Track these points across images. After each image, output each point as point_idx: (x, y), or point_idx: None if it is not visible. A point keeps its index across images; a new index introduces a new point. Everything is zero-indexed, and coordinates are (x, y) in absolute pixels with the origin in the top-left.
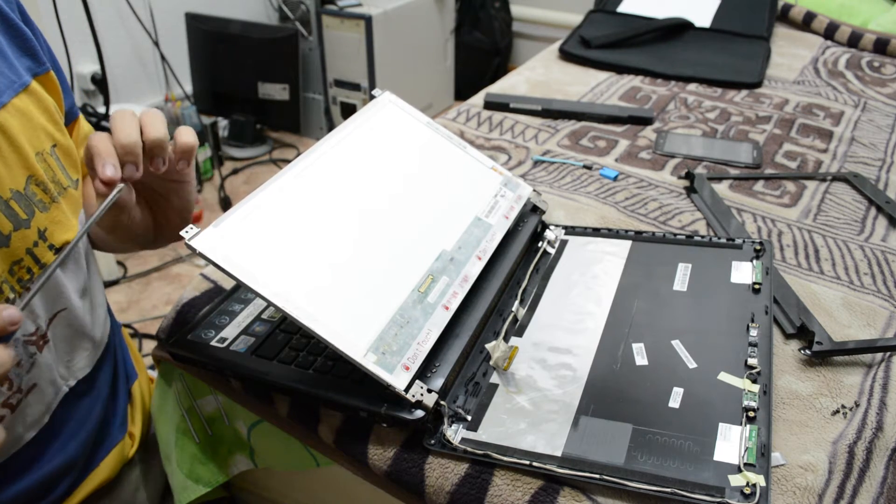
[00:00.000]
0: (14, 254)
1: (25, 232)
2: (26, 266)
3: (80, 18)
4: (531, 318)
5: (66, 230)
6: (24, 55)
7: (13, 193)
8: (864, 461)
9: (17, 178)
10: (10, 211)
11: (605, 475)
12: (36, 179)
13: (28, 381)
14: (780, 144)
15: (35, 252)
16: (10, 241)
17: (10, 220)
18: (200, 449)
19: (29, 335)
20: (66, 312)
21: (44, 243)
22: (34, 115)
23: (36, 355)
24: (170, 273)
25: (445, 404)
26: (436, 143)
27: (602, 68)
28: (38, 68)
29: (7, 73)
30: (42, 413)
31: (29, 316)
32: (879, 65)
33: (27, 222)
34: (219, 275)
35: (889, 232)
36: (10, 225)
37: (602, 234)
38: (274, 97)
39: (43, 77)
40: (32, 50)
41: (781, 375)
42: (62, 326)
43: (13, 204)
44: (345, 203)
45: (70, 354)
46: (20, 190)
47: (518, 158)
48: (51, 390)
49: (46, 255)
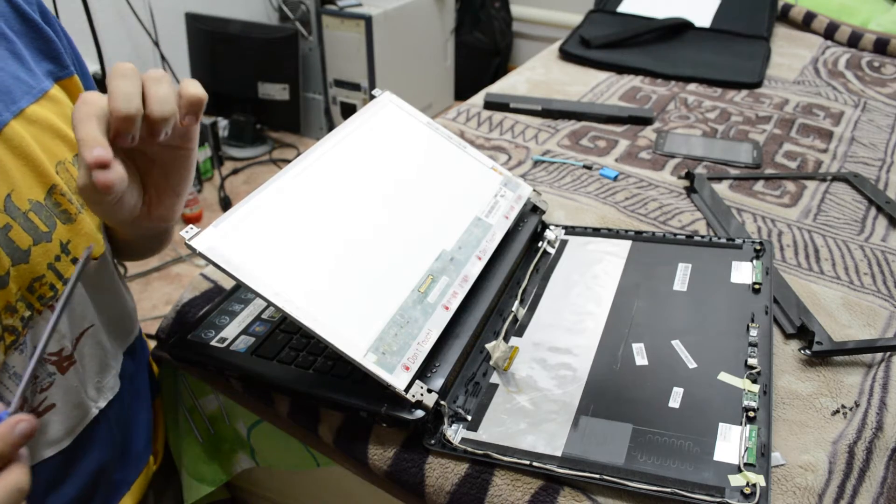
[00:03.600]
0: (34, 270)
1: (47, 246)
2: (49, 282)
3: (80, 18)
4: (531, 318)
5: (91, 243)
6: (45, 59)
7: (32, 205)
8: (864, 461)
9: (36, 189)
10: (29, 224)
11: (605, 475)
12: (59, 190)
13: (42, 401)
14: (780, 144)
15: (57, 267)
16: (29, 256)
17: (30, 234)
18: (203, 448)
19: (49, 354)
20: (93, 330)
21: (66, 257)
22: (54, 123)
23: (55, 376)
24: (170, 273)
25: (445, 404)
26: (436, 143)
27: (602, 68)
28: (60, 72)
29: (25, 78)
30: (62, 434)
31: (53, 335)
32: (879, 65)
33: (48, 235)
34: (219, 275)
35: (889, 232)
36: (30, 239)
37: (602, 234)
38: (274, 97)
39: (66, 81)
40: (55, 53)
41: (781, 375)
42: (90, 346)
43: (32, 216)
44: (345, 203)
45: (100, 375)
46: (40, 201)
47: (518, 158)
48: (76, 413)
49: (69, 269)
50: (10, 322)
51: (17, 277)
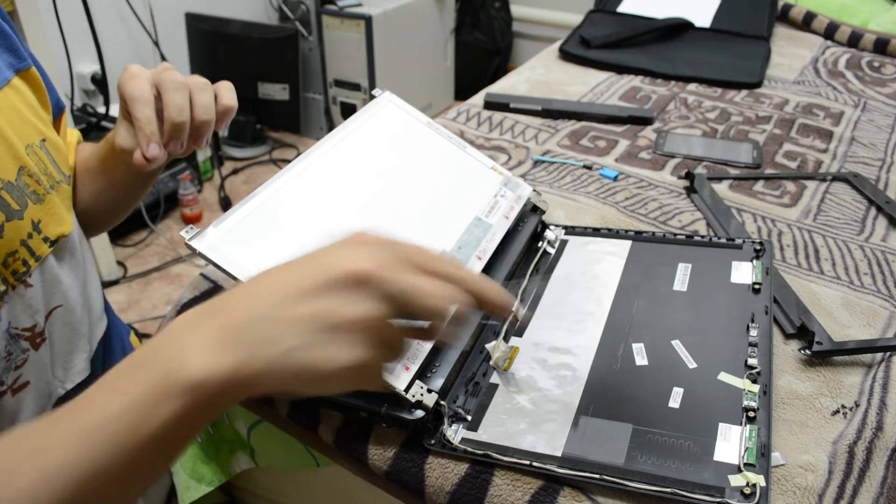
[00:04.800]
0: (8, 245)
1: (19, 223)
2: (21, 258)
3: (80, 18)
4: (531, 318)
5: (60, 223)
6: (4, 51)
7: (4, 184)
8: (864, 461)
9: (8, 168)
10: (2, 202)
11: (605, 475)
12: (28, 171)
13: (16, 378)
14: (780, 144)
15: (30, 244)
16: (3, 231)
17: (3, 211)
18: (202, 448)
19: (23, 329)
20: (62, 310)
21: (38, 235)
22: (20, 109)
23: (29, 352)
24: (170, 273)
25: (445, 404)
26: (436, 143)
27: (602, 68)
28: (19, 64)
29: None
30: (34, 415)
31: (26, 310)
32: (879, 65)
33: (20, 213)
34: (219, 275)
35: (889, 232)
36: (3, 216)
37: (602, 234)
38: (274, 97)
39: (25, 73)
40: (13, 46)
41: (781, 375)
42: (60, 324)
43: (5, 194)
44: (344, 203)
45: (68, 356)
46: (11, 181)
47: (518, 158)
48: (45, 391)
49: (41, 247)
50: None
51: None
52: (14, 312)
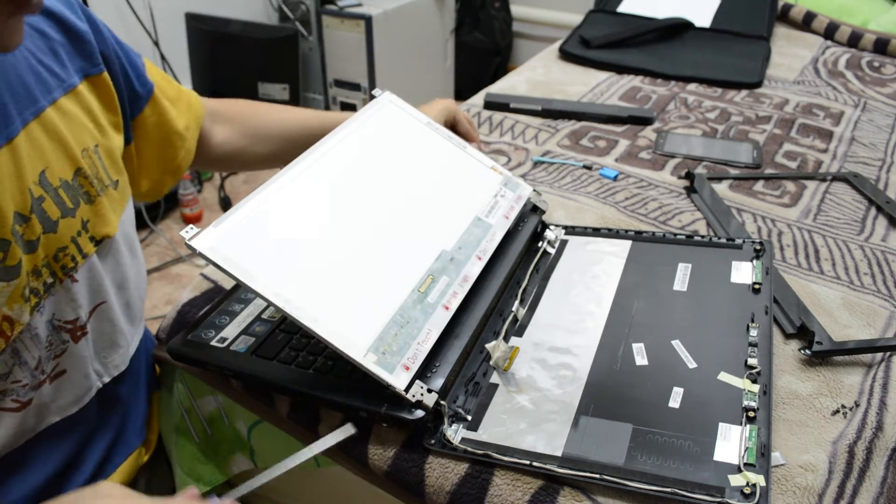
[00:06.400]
0: (60, 240)
1: (71, 220)
2: (70, 254)
3: None
4: (531, 318)
5: (106, 224)
6: (77, 56)
7: (62, 182)
8: (864, 461)
9: (65, 169)
10: (58, 199)
11: (606, 475)
12: (83, 173)
13: (54, 367)
14: (780, 144)
15: (79, 241)
16: (57, 227)
17: (59, 208)
18: (200, 449)
19: (66, 321)
20: (105, 307)
21: (86, 234)
22: (78, 115)
23: (68, 343)
24: (170, 273)
25: (445, 404)
26: (436, 143)
27: (602, 68)
28: (90, 69)
29: (58, 71)
30: (71, 403)
31: (70, 303)
32: (879, 65)
33: (73, 211)
34: (219, 275)
35: (889, 232)
36: (59, 212)
37: (602, 234)
38: (274, 97)
39: (94, 78)
40: (87, 51)
41: (781, 375)
42: (101, 321)
43: (62, 192)
44: (345, 203)
45: (107, 351)
46: (68, 180)
47: (518, 159)
48: (84, 383)
49: (88, 245)
50: (34, 284)
51: (45, 244)
52: (59, 305)
